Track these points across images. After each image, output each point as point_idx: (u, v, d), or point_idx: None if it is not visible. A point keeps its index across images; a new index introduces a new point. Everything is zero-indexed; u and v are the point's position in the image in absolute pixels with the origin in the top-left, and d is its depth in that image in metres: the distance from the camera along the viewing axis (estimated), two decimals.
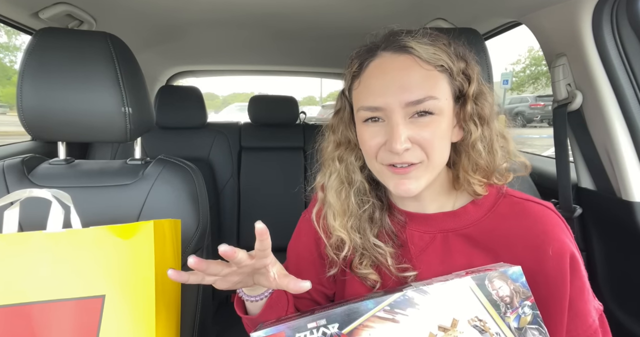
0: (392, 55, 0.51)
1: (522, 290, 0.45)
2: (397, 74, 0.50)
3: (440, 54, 0.50)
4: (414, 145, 0.50)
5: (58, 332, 0.50)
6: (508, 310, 0.44)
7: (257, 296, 0.54)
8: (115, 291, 0.53)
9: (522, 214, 0.54)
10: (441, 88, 0.50)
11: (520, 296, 0.45)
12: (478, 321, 0.44)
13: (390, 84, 0.50)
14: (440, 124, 0.50)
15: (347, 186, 0.60)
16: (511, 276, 0.46)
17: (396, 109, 0.49)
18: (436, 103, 0.49)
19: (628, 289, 0.84)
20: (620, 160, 0.80)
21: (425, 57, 0.50)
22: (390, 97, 0.49)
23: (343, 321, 0.44)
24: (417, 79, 0.49)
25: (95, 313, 0.51)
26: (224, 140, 1.78)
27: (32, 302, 0.51)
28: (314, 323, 0.44)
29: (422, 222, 0.58)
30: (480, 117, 0.53)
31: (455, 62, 0.51)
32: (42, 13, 1.02)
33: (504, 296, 0.45)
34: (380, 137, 0.51)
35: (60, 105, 0.72)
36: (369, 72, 0.53)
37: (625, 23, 0.79)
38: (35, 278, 0.52)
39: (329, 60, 1.96)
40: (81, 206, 0.60)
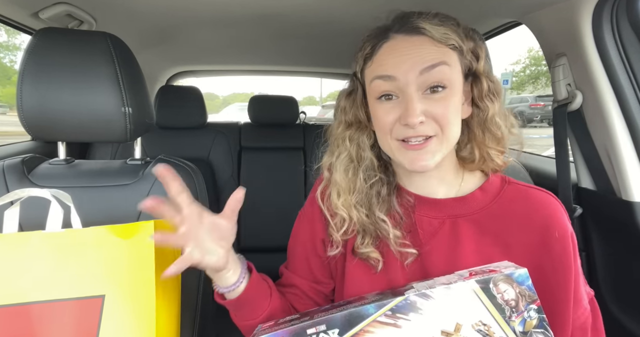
0: (405, 37, 0.53)
1: (528, 293, 0.44)
2: (410, 50, 0.52)
3: (450, 34, 0.52)
4: (428, 119, 0.51)
5: (58, 332, 0.50)
6: (513, 314, 0.43)
7: (233, 284, 0.56)
8: (115, 291, 0.53)
9: (527, 200, 0.56)
10: (453, 61, 0.52)
11: (526, 300, 0.44)
12: (482, 325, 0.42)
13: (405, 58, 0.51)
14: (452, 98, 0.52)
15: (356, 163, 0.61)
16: (517, 278, 0.44)
17: (410, 79, 0.51)
18: (448, 71, 0.51)
19: (628, 289, 0.84)
20: (620, 160, 0.80)
21: (438, 37, 0.51)
22: (405, 67, 0.51)
23: (343, 326, 0.42)
24: (429, 51, 0.51)
25: (95, 313, 0.51)
26: (224, 140, 1.78)
27: (31, 302, 0.51)
28: (313, 329, 0.43)
29: (431, 208, 0.59)
30: (495, 93, 0.56)
31: (464, 41, 0.53)
32: (42, 13, 1.02)
33: (509, 300, 0.43)
34: (395, 112, 0.53)
35: (60, 105, 0.72)
36: (383, 52, 0.54)
37: (625, 23, 0.79)
38: (35, 278, 0.52)
39: (329, 60, 1.96)
40: (81, 206, 0.60)
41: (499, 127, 0.56)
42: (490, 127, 0.56)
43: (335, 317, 0.43)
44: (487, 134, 0.56)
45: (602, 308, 0.54)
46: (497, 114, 0.56)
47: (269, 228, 1.69)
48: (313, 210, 0.65)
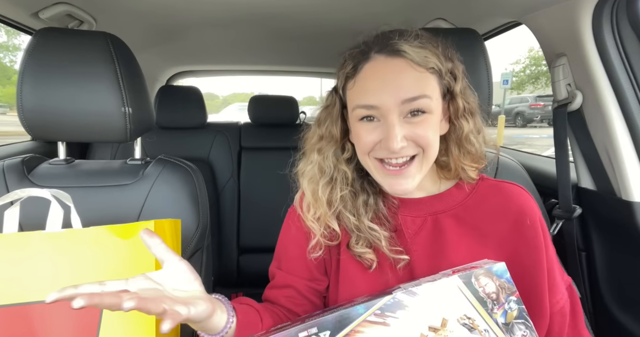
0: (386, 59, 0.54)
1: (507, 285, 0.46)
2: (392, 75, 0.52)
3: (430, 57, 0.53)
4: (409, 142, 0.53)
5: (58, 332, 0.50)
6: (495, 306, 0.45)
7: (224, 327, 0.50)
8: None
9: (499, 193, 0.60)
10: (433, 88, 0.54)
11: (505, 292, 0.46)
12: (467, 319, 0.44)
13: (385, 84, 0.52)
14: (432, 121, 0.54)
15: (320, 177, 0.62)
16: (496, 272, 0.47)
17: (392, 108, 0.52)
18: (429, 102, 0.52)
19: (628, 289, 0.84)
20: (620, 160, 0.80)
21: (417, 60, 0.52)
22: (386, 96, 0.52)
23: (334, 328, 0.44)
24: (411, 80, 0.52)
25: (95, 313, 0.51)
26: (224, 140, 1.78)
27: (32, 302, 0.51)
28: (305, 332, 0.43)
29: (412, 207, 0.61)
30: (470, 112, 0.58)
31: (443, 63, 0.54)
32: (42, 13, 1.02)
33: (490, 293, 0.45)
34: (376, 135, 0.54)
35: (60, 105, 0.72)
36: (364, 74, 0.55)
37: (625, 23, 0.79)
38: (35, 278, 0.52)
39: (329, 60, 1.95)
40: (81, 206, 0.60)
41: (473, 144, 0.58)
42: (465, 144, 0.58)
43: (326, 320, 0.44)
44: (462, 150, 0.59)
45: (602, 308, 0.54)
46: (471, 132, 0.58)
47: (269, 228, 1.68)
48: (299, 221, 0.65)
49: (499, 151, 0.66)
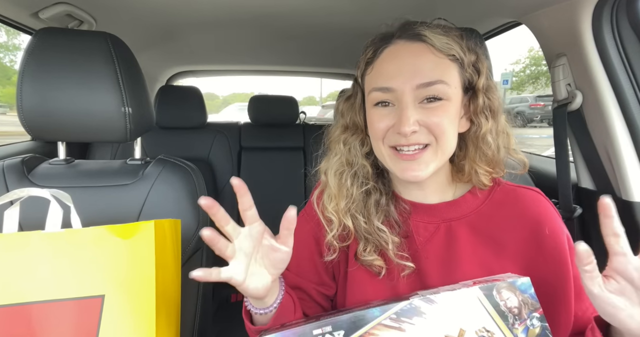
0: (406, 43, 0.53)
1: (531, 301, 0.44)
2: (410, 59, 0.52)
3: (452, 44, 0.52)
4: (421, 128, 0.52)
5: (57, 332, 0.50)
6: (516, 321, 0.44)
7: (267, 308, 0.52)
8: (115, 291, 0.53)
9: (516, 200, 0.57)
10: (451, 75, 0.52)
11: (528, 308, 0.44)
12: (485, 332, 0.43)
13: (402, 67, 0.52)
14: (449, 109, 0.52)
15: (347, 168, 0.61)
16: (520, 287, 0.45)
17: (407, 91, 0.51)
18: (446, 88, 0.51)
19: None
20: (620, 161, 0.80)
21: (438, 46, 0.51)
22: (402, 79, 0.51)
23: (349, 328, 0.43)
24: (429, 64, 0.51)
25: (95, 313, 0.51)
26: (224, 140, 1.78)
27: (31, 302, 0.51)
28: (319, 330, 0.43)
29: (425, 213, 0.59)
30: (491, 110, 0.55)
31: (466, 54, 0.53)
32: (42, 13, 1.02)
33: (512, 307, 0.44)
34: (389, 119, 0.53)
35: (60, 105, 0.72)
36: (383, 58, 0.55)
37: (625, 23, 0.79)
38: (35, 278, 0.52)
39: (329, 60, 1.96)
40: (81, 206, 0.60)
41: (489, 146, 0.55)
42: (481, 144, 0.56)
43: (341, 319, 0.43)
44: (478, 151, 0.56)
45: None
46: (490, 132, 0.55)
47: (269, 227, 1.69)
48: (313, 213, 0.65)
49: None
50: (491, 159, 0.56)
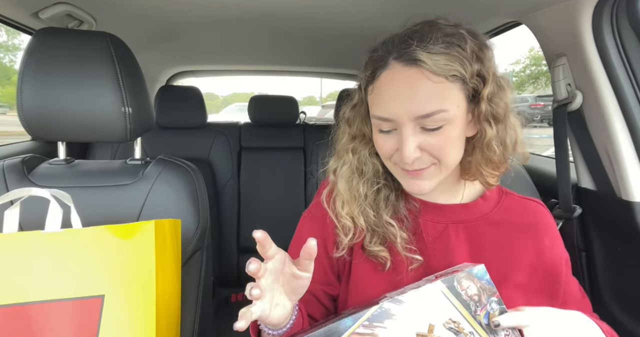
0: (402, 68, 0.51)
1: (488, 287, 0.47)
2: (405, 87, 0.50)
3: (452, 63, 0.49)
4: (424, 153, 0.52)
5: (57, 332, 0.50)
6: (478, 308, 0.46)
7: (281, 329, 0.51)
8: (115, 291, 0.53)
9: (522, 209, 0.60)
10: (452, 98, 0.50)
11: (487, 293, 0.46)
12: (452, 323, 0.45)
13: (399, 96, 0.51)
14: (451, 132, 0.52)
15: (357, 176, 0.62)
16: (476, 274, 0.47)
17: (405, 121, 0.51)
18: (446, 115, 0.50)
19: (628, 289, 0.84)
20: (620, 160, 0.80)
21: (435, 70, 0.49)
22: (400, 110, 0.51)
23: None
24: (425, 93, 0.49)
25: (95, 313, 0.51)
26: (224, 140, 1.78)
27: (31, 302, 0.51)
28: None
29: (435, 212, 0.61)
30: (494, 117, 0.54)
31: (468, 67, 0.50)
32: (42, 13, 1.02)
33: (472, 295, 0.46)
34: (393, 143, 0.54)
35: (60, 105, 0.72)
36: (381, 82, 0.54)
37: (625, 23, 0.79)
38: (35, 278, 0.52)
39: (329, 60, 1.96)
40: (81, 206, 0.60)
41: (494, 152, 0.55)
42: (486, 150, 0.55)
43: (315, 335, 0.43)
44: (484, 156, 0.56)
45: (602, 308, 0.54)
46: (493, 138, 0.54)
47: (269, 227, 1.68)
48: (321, 212, 0.64)
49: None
50: (496, 164, 0.57)
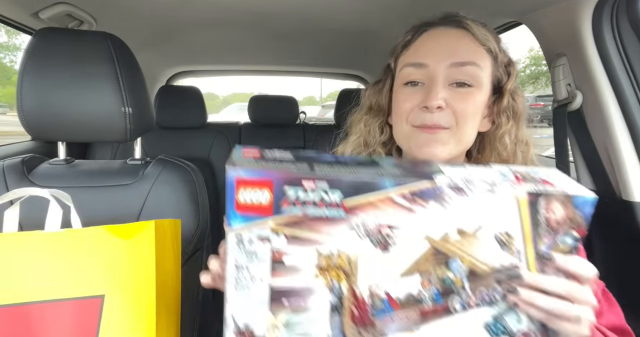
0: (446, 28, 0.55)
1: (580, 221, 0.37)
2: (448, 40, 0.54)
3: (490, 37, 0.54)
4: (447, 109, 0.52)
5: (57, 332, 0.50)
6: (548, 235, 0.37)
7: None
8: (115, 291, 0.53)
9: None
10: (485, 64, 0.53)
11: (570, 225, 0.37)
12: (506, 236, 0.37)
13: (439, 46, 0.53)
14: (475, 97, 0.52)
15: (364, 149, 0.63)
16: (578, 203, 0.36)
17: (440, 69, 0.52)
18: (478, 72, 0.52)
19: (628, 289, 0.84)
20: (620, 161, 0.80)
21: (478, 35, 0.53)
22: (437, 57, 0.52)
23: (347, 192, 0.35)
24: (466, 47, 0.53)
25: (95, 313, 0.51)
26: (224, 140, 1.78)
27: (31, 302, 0.51)
28: (311, 182, 0.35)
29: None
30: (513, 112, 0.56)
31: (501, 52, 0.55)
32: (42, 13, 1.02)
33: (553, 220, 0.37)
34: (416, 98, 0.53)
35: (60, 105, 0.72)
36: (421, 39, 0.56)
37: (625, 23, 0.79)
38: (35, 278, 0.52)
39: (329, 60, 1.96)
40: (81, 206, 0.60)
41: (505, 147, 0.56)
42: (497, 144, 0.56)
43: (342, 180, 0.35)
44: (493, 152, 0.57)
45: None
46: (507, 132, 0.56)
47: None
48: None
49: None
50: (504, 161, 0.56)
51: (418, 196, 0.36)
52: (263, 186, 0.36)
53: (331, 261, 0.38)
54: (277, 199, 0.36)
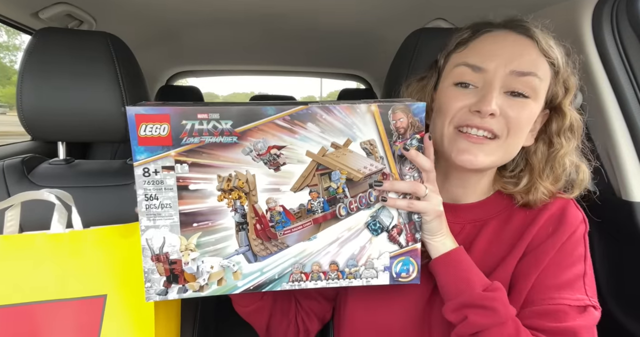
0: (511, 32, 0.52)
1: (418, 125, 0.46)
2: (511, 46, 0.50)
3: (555, 49, 0.50)
4: (500, 117, 0.49)
5: (59, 332, 0.50)
6: (398, 139, 0.46)
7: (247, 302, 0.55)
8: (116, 291, 0.53)
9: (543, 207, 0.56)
10: (545, 76, 0.50)
11: (414, 130, 0.46)
12: (369, 145, 0.46)
13: (502, 50, 0.50)
14: (531, 108, 0.50)
15: None
16: (414, 110, 0.46)
17: (499, 75, 0.49)
18: (538, 83, 0.49)
19: (628, 289, 0.83)
20: (620, 160, 0.80)
21: (543, 45, 0.50)
22: (498, 62, 0.49)
23: (238, 121, 0.42)
24: (529, 56, 0.50)
25: (97, 313, 0.51)
26: None
27: (33, 302, 0.51)
28: (204, 115, 0.42)
29: (451, 213, 0.57)
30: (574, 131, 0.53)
31: (563, 66, 0.51)
32: (42, 13, 1.02)
33: (400, 127, 0.46)
34: (467, 100, 0.50)
35: (60, 105, 0.72)
36: (483, 39, 0.53)
37: (625, 23, 0.79)
38: (37, 278, 0.52)
39: (329, 60, 1.96)
40: (81, 206, 0.60)
41: (564, 168, 0.54)
42: (555, 164, 0.54)
43: (231, 109, 0.42)
44: (547, 170, 0.54)
45: (602, 308, 0.54)
46: (568, 153, 0.54)
47: None
48: None
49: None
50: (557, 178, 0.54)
51: (296, 118, 0.43)
52: (162, 120, 0.41)
53: (231, 183, 0.44)
54: (176, 132, 0.42)
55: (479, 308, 0.46)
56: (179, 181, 0.43)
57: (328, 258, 0.47)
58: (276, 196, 0.45)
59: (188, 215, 0.44)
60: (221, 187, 0.44)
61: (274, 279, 0.47)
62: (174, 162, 0.43)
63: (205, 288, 0.46)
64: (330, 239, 0.47)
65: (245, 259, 0.46)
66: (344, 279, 0.48)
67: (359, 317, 0.59)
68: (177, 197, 0.43)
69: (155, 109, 0.41)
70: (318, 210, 0.46)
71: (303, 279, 0.47)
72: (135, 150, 0.42)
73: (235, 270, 0.46)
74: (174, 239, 0.45)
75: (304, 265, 0.47)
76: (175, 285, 0.46)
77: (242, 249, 0.46)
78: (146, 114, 0.41)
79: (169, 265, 0.45)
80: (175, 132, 0.42)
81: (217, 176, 0.44)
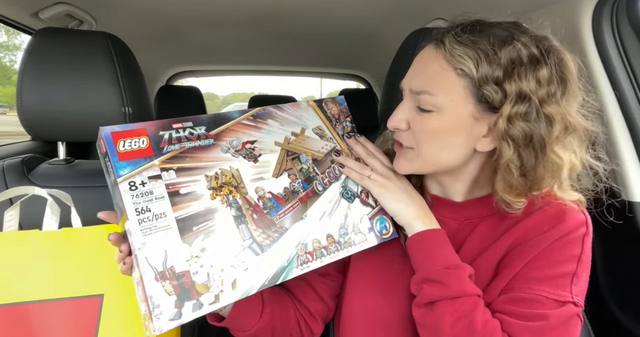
0: (427, 48, 0.54)
1: (345, 111, 0.61)
2: (417, 64, 0.54)
3: (466, 58, 0.47)
4: (408, 131, 0.54)
5: (57, 331, 0.50)
6: (337, 123, 0.59)
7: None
8: (114, 290, 0.53)
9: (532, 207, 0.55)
10: (447, 88, 0.48)
11: (344, 115, 0.60)
12: (318, 130, 0.57)
13: (411, 70, 0.54)
14: (437, 122, 0.49)
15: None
16: (338, 101, 0.61)
17: (407, 93, 0.54)
18: (432, 100, 0.49)
19: (628, 289, 0.83)
20: (620, 161, 0.80)
21: (447, 57, 0.48)
22: (405, 82, 0.54)
23: (209, 125, 0.48)
24: (426, 72, 0.51)
25: (94, 312, 0.51)
26: None
27: (30, 302, 0.51)
28: (179, 124, 0.46)
29: (448, 210, 0.59)
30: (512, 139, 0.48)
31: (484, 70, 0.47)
32: (42, 13, 1.02)
33: (334, 114, 0.59)
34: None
35: (60, 105, 0.72)
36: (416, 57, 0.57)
37: (625, 23, 0.79)
38: (34, 277, 0.52)
39: (329, 60, 1.96)
40: (81, 206, 0.60)
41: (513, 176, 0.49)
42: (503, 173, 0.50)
43: (201, 117, 0.48)
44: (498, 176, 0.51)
45: (602, 308, 0.54)
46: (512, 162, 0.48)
47: None
48: None
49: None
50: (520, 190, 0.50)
51: (257, 117, 0.52)
52: (139, 134, 0.44)
53: (219, 180, 0.47)
54: (155, 142, 0.44)
55: (434, 282, 0.50)
56: (169, 187, 0.43)
57: (323, 232, 0.52)
58: (262, 184, 0.50)
59: (186, 220, 0.43)
60: (211, 186, 0.46)
61: (284, 267, 0.47)
62: (159, 171, 0.44)
63: (221, 297, 0.43)
64: (319, 214, 0.52)
65: (252, 253, 0.46)
66: (342, 250, 0.52)
67: (358, 310, 0.60)
68: (171, 204, 0.43)
69: (130, 125, 0.44)
70: (300, 190, 0.52)
71: (309, 260, 0.49)
72: (116, 167, 0.42)
73: (245, 268, 0.45)
74: (177, 248, 0.42)
75: (305, 244, 0.50)
76: (188, 302, 0.41)
77: (246, 243, 0.46)
78: (122, 130, 0.43)
79: (176, 280, 0.41)
80: (154, 142, 0.44)
81: (204, 176, 0.46)
